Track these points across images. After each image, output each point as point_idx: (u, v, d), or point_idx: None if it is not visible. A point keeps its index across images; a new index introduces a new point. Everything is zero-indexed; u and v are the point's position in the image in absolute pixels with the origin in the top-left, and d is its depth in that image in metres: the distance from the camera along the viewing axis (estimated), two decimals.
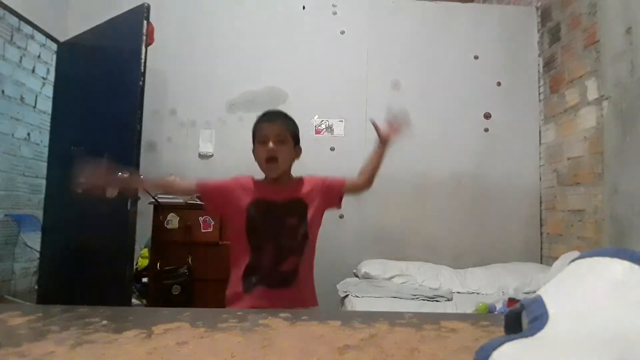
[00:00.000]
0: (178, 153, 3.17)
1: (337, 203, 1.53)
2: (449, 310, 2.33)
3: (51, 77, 4.07)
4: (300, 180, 1.49)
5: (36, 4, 2.88)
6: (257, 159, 1.42)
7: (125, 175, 1.47)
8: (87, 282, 2.45)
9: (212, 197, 1.44)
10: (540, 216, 3.22)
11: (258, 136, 1.40)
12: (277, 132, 1.38)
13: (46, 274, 2.94)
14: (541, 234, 3.21)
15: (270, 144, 1.36)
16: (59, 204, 2.80)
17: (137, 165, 2.33)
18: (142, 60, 2.35)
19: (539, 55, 3.33)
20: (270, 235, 1.38)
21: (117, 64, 2.52)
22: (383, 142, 1.56)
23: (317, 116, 3.24)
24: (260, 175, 1.43)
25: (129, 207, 2.27)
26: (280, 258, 1.38)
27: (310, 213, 1.43)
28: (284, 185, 1.44)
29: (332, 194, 1.50)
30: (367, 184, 1.55)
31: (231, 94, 3.25)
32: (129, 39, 2.43)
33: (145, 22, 2.39)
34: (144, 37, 2.37)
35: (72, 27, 3.08)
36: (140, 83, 2.34)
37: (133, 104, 2.34)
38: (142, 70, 2.34)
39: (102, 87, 2.60)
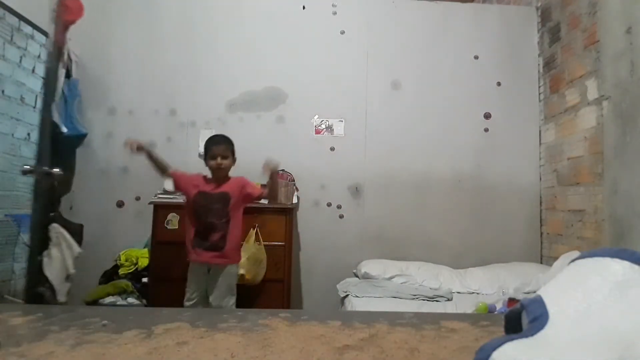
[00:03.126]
0: (178, 153, 3.16)
1: (249, 202, 2.27)
2: (449, 310, 2.33)
3: None
4: (230, 179, 2.21)
5: (36, 4, 2.88)
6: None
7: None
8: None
9: (178, 184, 2.24)
10: (540, 216, 3.22)
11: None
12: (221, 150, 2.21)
13: None
14: (541, 234, 3.21)
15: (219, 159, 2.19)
16: None
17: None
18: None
19: (539, 55, 3.33)
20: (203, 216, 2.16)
21: None
22: (267, 174, 2.17)
23: (317, 116, 3.24)
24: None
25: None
26: (211, 231, 2.14)
27: (231, 202, 2.16)
28: (220, 182, 2.21)
29: (247, 196, 2.21)
30: (270, 197, 2.33)
31: (231, 94, 3.25)
32: None
33: None
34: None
35: (71, 27, 3.07)
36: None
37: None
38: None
39: None
